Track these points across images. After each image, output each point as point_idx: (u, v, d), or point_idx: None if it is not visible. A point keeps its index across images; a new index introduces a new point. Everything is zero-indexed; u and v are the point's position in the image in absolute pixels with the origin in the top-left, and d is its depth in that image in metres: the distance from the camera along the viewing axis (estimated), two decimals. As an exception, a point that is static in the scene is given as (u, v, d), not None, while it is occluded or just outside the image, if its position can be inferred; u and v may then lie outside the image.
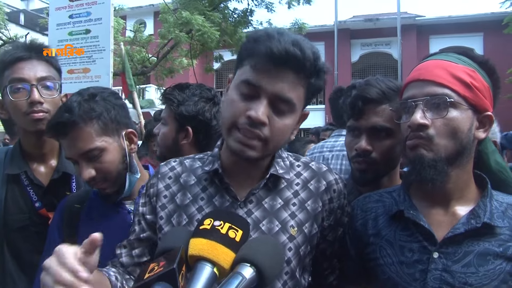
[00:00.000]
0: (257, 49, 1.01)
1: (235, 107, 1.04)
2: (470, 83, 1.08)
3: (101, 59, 4.00)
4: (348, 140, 1.49)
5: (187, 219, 1.15)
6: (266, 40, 1.00)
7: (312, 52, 1.03)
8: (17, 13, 23.79)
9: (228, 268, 0.81)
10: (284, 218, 1.14)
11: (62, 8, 4.22)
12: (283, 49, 0.97)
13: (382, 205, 1.25)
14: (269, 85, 1.00)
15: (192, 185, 1.19)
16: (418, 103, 1.10)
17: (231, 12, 10.41)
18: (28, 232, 1.60)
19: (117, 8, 10.36)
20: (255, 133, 1.02)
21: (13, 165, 1.64)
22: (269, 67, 0.99)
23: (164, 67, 11.08)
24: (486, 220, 1.07)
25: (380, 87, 1.39)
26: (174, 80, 11.34)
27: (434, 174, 1.07)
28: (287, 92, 1.01)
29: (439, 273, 1.06)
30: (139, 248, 1.21)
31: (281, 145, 1.11)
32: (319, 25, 18.02)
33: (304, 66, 1.01)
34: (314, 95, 1.12)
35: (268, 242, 0.89)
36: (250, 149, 1.04)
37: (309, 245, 1.16)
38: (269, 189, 1.16)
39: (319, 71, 1.05)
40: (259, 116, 0.99)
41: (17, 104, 1.55)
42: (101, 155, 1.36)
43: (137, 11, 18.09)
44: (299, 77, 1.02)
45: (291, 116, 1.05)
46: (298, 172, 1.21)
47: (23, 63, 1.56)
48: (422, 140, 1.08)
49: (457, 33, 16.95)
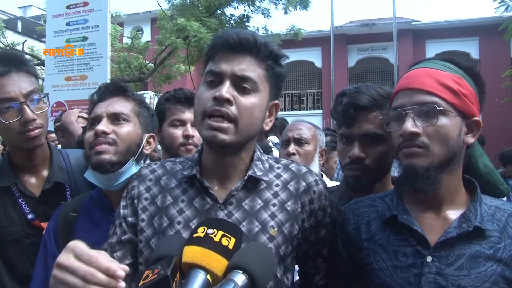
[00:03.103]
0: (216, 44, 1.14)
1: (203, 97, 1.12)
2: (457, 90, 1.11)
3: (98, 66, 4.01)
4: (341, 147, 1.50)
5: (167, 221, 1.16)
6: (222, 35, 1.14)
7: (264, 39, 1.14)
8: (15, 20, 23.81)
9: (221, 275, 0.83)
10: (264, 218, 1.15)
11: (60, 15, 4.24)
12: (236, 36, 1.11)
13: (374, 210, 1.27)
14: (228, 68, 1.10)
15: (173, 188, 1.21)
16: (408, 111, 1.12)
17: (228, 18, 10.45)
18: (22, 244, 1.58)
19: (114, 15, 10.38)
20: (222, 111, 1.07)
21: (2, 178, 1.61)
22: (226, 54, 1.12)
23: (161, 73, 11.09)
24: (477, 224, 1.09)
25: (371, 94, 1.41)
26: (172, 86, 11.33)
27: (427, 184, 1.10)
28: (246, 71, 1.11)
29: (433, 277, 1.08)
30: (121, 251, 1.20)
31: (252, 127, 1.13)
32: (315, 31, 18.04)
33: (258, 49, 1.12)
34: (277, 82, 1.18)
35: (260, 249, 0.90)
36: (222, 132, 1.08)
37: (290, 245, 1.17)
38: (249, 190, 1.18)
39: (275, 55, 1.16)
40: (222, 94, 1.07)
41: (9, 126, 1.50)
42: (124, 124, 1.47)
43: (134, 18, 18.11)
44: (256, 59, 1.13)
45: (255, 95, 1.12)
46: (277, 173, 1.23)
47: (2, 80, 1.49)
48: (418, 148, 1.10)
49: (453, 38, 16.99)
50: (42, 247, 1.48)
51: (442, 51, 15.11)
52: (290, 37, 10.56)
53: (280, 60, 1.17)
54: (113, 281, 0.80)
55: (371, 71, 18.44)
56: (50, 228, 1.49)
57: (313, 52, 18.17)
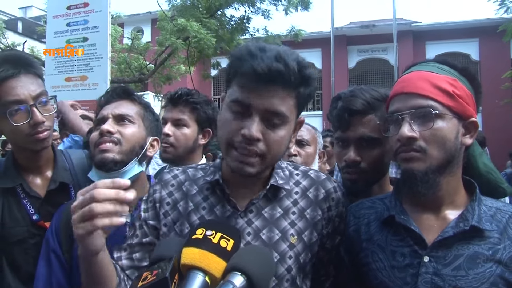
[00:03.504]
0: (242, 69, 1.03)
1: (229, 126, 1.06)
2: (452, 92, 1.11)
3: (98, 67, 4.01)
4: (337, 151, 1.52)
5: (189, 228, 1.16)
6: (249, 59, 1.01)
7: (297, 62, 1.03)
8: (15, 21, 23.84)
9: (220, 276, 0.83)
10: (284, 226, 1.15)
11: (60, 16, 4.24)
12: (266, 67, 0.99)
13: (374, 211, 1.27)
14: (258, 102, 1.02)
15: (194, 194, 1.21)
16: (404, 116, 1.12)
17: (228, 19, 10.45)
18: (27, 245, 1.58)
19: (114, 16, 10.39)
20: (251, 150, 1.04)
21: (7, 179, 1.61)
22: (255, 85, 1.01)
23: (161, 74, 11.09)
24: (474, 223, 1.09)
25: (365, 97, 1.42)
26: (172, 87, 11.35)
27: (426, 188, 1.11)
28: (277, 106, 1.03)
29: (430, 277, 1.08)
30: (140, 252, 1.21)
31: (279, 156, 1.13)
32: (315, 32, 18.08)
33: (290, 79, 1.02)
34: (305, 103, 1.14)
35: (258, 251, 0.90)
36: (249, 166, 1.06)
37: (310, 253, 1.17)
38: (269, 199, 1.17)
39: (307, 79, 1.06)
40: (252, 134, 1.01)
41: (18, 128, 1.52)
42: (129, 125, 1.51)
43: (134, 19, 18.13)
44: (287, 90, 1.04)
45: (284, 127, 1.07)
46: (297, 180, 1.23)
47: (12, 82, 1.50)
48: (415, 153, 1.11)
49: (453, 39, 17.02)
50: (45, 244, 1.49)
51: (442, 52, 15.09)
52: (290, 38, 10.55)
53: (312, 82, 1.09)
54: (120, 191, 0.88)
55: (371, 72, 18.46)
56: (53, 226, 1.50)
57: (313, 53, 18.17)
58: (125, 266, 1.19)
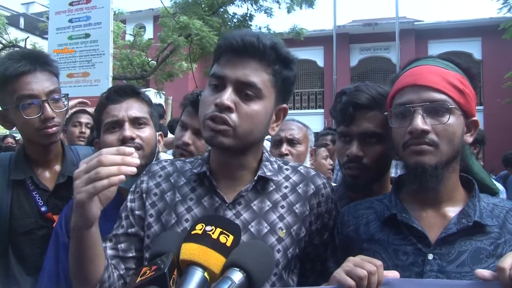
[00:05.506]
0: (221, 46, 1.12)
1: (206, 101, 1.11)
2: (462, 90, 1.12)
3: (100, 63, 4.01)
4: (339, 146, 1.50)
5: (176, 218, 1.17)
6: (228, 36, 1.11)
7: (272, 41, 1.09)
8: (17, 17, 23.80)
9: (219, 272, 0.83)
10: (272, 220, 1.16)
11: (62, 12, 4.23)
12: (240, 39, 1.07)
13: (373, 211, 1.27)
14: (231, 73, 1.08)
15: (182, 185, 1.22)
16: (416, 108, 1.11)
17: (231, 16, 10.43)
18: (34, 236, 1.64)
19: (116, 12, 10.36)
20: (222, 117, 1.06)
21: (18, 171, 1.67)
22: (231, 58, 1.09)
23: (163, 71, 11.07)
24: (476, 219, 1.10)
25: (371, 93, 1.41)
26: (174, 83, 11.34)
27: (435, 182, 1.11)
28: (249, 76, 1.07)
29: (435, 274, 1.08)
30: (125, 243, 1.22)
31: (254, 133, 1.13)
32: (318, 30, 18.01)
33: (264, 53, 1.08)
34: (286, 86, 1.15)
35: (258, 247, 0.90)
36: (221, 135, 1.08)
37: (297, 248, 1.18)
38: (258, 191, 1.18)
39: (284, 59, 1.11)
40: (223, 101, 1.05)
41: (29, 121, 1.58)
42: (145, 127, 1.56)
43: (136, 15, 18.09)
44: (261, 64, 1.09)
45: (259, 101, 1.09)
46: (286, 175, 1.24)
47: (28, 77, 1.57)
48: (427, 146, 1.10)
49: (456, 38, 16.93)
50: (54, 236, 1.52)
51: (444, 51, 15.03)
52: (293, 36, 10.53)
53: (289, 63, 1.13)
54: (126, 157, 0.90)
55: (373, 71, 18.40)
56: (62, 219, 1.54)
57: (315, 51, 18.11)
58: (110, 257, 1.19)
